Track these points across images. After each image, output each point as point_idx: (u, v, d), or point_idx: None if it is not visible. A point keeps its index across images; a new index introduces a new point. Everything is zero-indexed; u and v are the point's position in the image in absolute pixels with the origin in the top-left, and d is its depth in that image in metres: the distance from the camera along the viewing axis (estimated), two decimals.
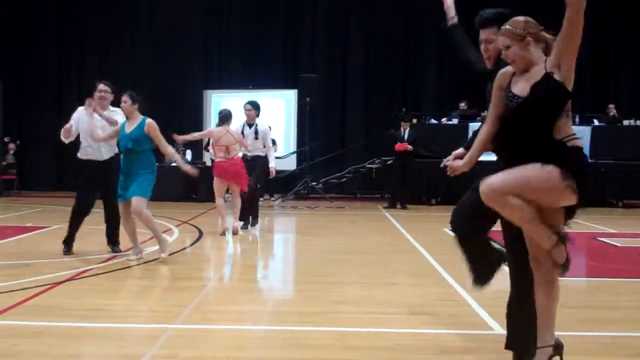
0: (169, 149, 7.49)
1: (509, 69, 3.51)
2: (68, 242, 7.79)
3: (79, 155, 7.89)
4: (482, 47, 4.03)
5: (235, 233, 9.77)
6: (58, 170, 19.52)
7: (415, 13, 20.01)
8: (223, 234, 9.77)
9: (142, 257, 7.49)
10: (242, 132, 10.23)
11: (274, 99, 19.06)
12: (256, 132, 10.37)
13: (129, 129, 7.36)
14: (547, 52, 3.45)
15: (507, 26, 3.48)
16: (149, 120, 7.39)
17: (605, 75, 19.93)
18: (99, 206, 7.94)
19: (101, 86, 7.81)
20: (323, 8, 20.16)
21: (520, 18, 3.50)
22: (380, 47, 20.00)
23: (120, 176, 7.37)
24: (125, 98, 7.47)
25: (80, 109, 7.82)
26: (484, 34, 3.99)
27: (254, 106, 10.55)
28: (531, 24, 3.47)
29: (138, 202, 7.16)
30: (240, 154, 10.10)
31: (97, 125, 7.56)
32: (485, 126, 3.62)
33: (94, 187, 7.82)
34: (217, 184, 9.93)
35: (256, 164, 10.35)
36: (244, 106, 10.58)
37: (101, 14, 20.41)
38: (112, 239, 8.00)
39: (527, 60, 3.43)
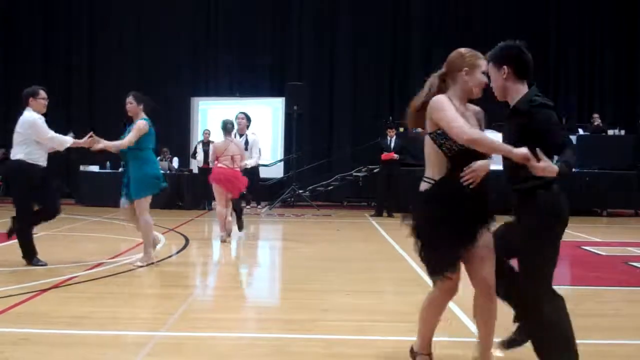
0: (118, 144, 7.42)
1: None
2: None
3: (32, 160, 7.37)
4: None
5: (223, 241, 9.76)
6: None
7: (403, 21, 20.10)
8: (224, 240, 9.76)
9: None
10: None
11: (261, 106, 19.09)
12: (246, 143, 10.56)
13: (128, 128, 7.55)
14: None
15: None
16: (139, 121, 7.42)
17: (591, 86, 20.11)
18: (85, 212, 7.89)
19: (44, 93, 7.58)
20: (310, 15, 20.22)
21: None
22: (367, 55, 20.08)
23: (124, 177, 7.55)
24: (129, 99, 7.56)
25: (29, 113, 7.46)
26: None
27: (246, 117, 10.75)
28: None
29: (137, 204, 7.42)
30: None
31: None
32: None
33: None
34: (218, 192, 9.87)
35: (245, 173, 10.38)
36: (236, 115, 10.70)
37: (87, 21, 20.38)
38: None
39: None
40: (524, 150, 3.34)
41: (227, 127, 9.86)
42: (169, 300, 5.92)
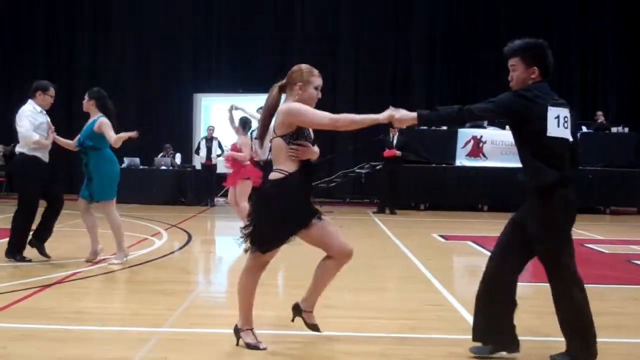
0: (117, 141, 7.28)
1: None
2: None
3: (43, 156, 7.46)
4: None
5: None
6: None
7: (405, 18, 20.07)
8: None
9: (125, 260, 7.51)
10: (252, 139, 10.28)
11: (264, 102, 19.05)
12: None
13: (85, 126, 7.47)
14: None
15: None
16: (101, 119, 7.34)
17: (594, 83, 20.07)
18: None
19: (54, 91, 7.59)
20: (312, 11, 20.19)
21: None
22: (369, 51, 20.05)
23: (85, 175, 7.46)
24: (86, 95, 7.55)
25: (27, 105, 7.47)
26: (509, 62, 4.00)
27: None
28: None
29: (105, 205, 7.33)
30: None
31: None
32: None
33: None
34: (240, 187, 9.83)
35: None
36: (257, 111, 10.67)
37: (90, 19, 20.38)
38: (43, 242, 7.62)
39: None
40: (388, 111, 4.00)
41: (244, 124, 9.86)
42: (171, 296, 5.92)
